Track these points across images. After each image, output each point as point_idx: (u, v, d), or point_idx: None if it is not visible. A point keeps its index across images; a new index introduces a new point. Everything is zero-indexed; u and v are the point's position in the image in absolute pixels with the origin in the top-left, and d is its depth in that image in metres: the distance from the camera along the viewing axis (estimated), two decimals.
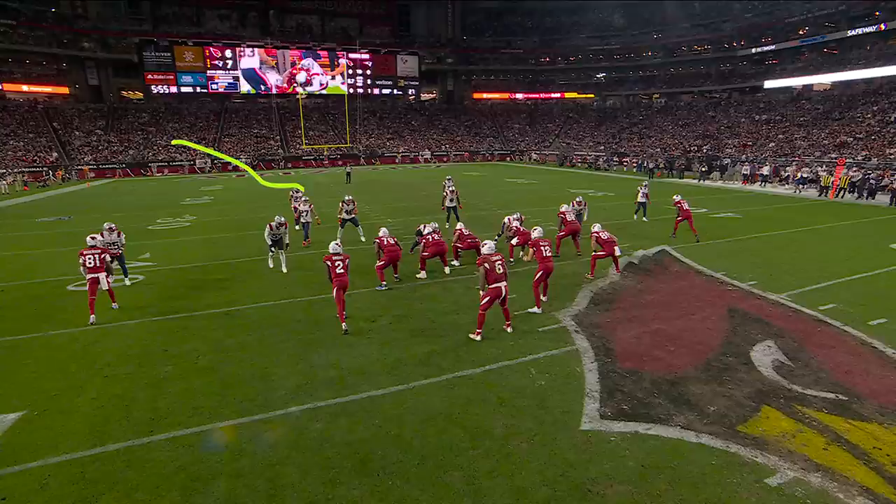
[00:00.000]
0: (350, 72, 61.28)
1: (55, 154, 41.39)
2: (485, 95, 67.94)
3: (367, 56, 62.05)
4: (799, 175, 24.83)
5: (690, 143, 44.73)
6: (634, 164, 39.88)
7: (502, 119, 64.60)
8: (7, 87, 47.48)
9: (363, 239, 13.27)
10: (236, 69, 56.16)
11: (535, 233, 8.39)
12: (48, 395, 5.62)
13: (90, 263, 7.96)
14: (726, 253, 11.85)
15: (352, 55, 60.43)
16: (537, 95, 67.16)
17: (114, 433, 4.87)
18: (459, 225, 11.16)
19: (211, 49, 55.06)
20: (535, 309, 7.92)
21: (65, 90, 50.63)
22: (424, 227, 10.62)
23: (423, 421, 5.03)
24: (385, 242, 9.54)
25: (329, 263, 7.40)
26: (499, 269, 6.87)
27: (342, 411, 5.27)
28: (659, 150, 45.48)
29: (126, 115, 51.21)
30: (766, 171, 27.77)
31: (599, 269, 10.10)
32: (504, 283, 6.86)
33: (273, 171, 45.41)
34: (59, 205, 23.82)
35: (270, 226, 10.63)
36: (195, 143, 46.36)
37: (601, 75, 65.48)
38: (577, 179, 32.08)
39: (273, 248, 10.86)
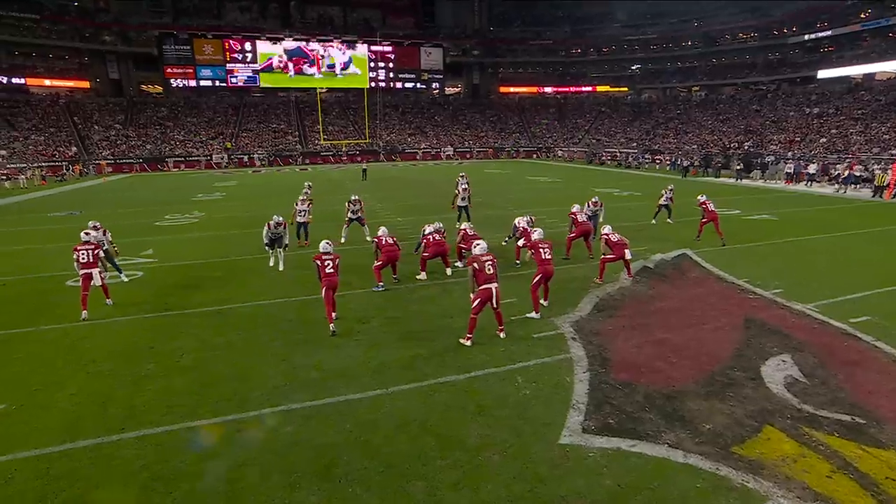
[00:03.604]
0: (372, 65, 61.98)
1: (74, 149, 43.28)
2: (512, 89, 67.71)
3: (389, 48, 62.63)
4: (847, 173, 23.81)
5: (731, 139, 43.51)
6: (668, 162, 39.02)
7: (530, 114, 64.21)
8: (30, 81, 49.87)
9: (368, 238, 13.39)
10: (255, 62, 57.50)
11: (535, 234, 8.33)
12: (30, 389, 5.90)
13: (83, 259, 8.32)
14: (754, 258, 11.51)
15: (374, 47, 61.09)
16: (567, 89, 66.53)
17: (86, 430, 5.08)
18: (465, 224, 11.16)
19: (230, 42, 56.54)
20: (534, 314, 7.87)
21: (86, 84, 52.89)
22: (427, 226, 10.68)
23: (397, 427, 5.07)
24: (384, 242, 9.62)
25: (318, 263, 7.51)
26: (489, 270, 6.86)
27: (316, 414, 5.36)
28: (696, 146, 44.40)
29: (145, 109, 53.11)
30: (812, 169, 26.76)
31: (610, 274, 9.94)
32: (495, 285, 6.84)
33: (290, 167, 46.29)
34: (72, 200, 24.91)
35: (269, 225, 10.91)
36: (212, 138, 47.71)
37: (636, 67, 64.37)
38: (603, 178, 31.63)
39: (270, 247, 11.14)
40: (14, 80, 48.91)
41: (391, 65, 63.44)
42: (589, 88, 65.78)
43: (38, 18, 48.59)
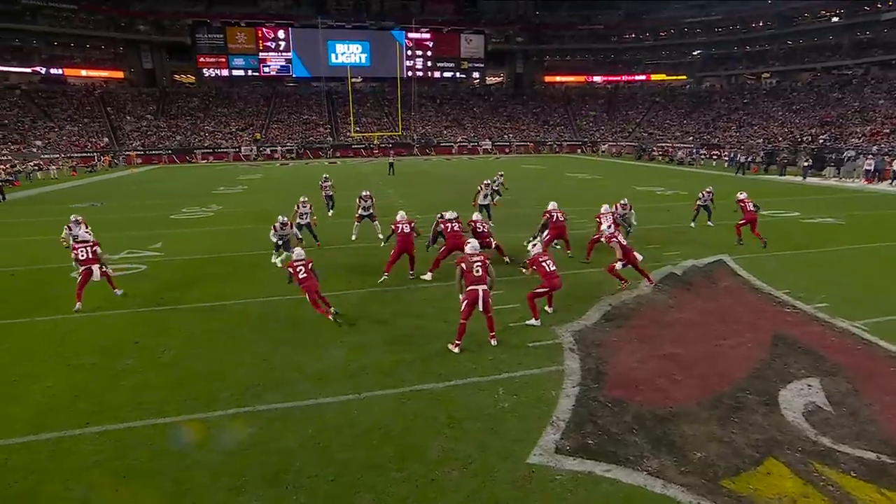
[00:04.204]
0: (409, 53, 62.59)
1: (106, 139, 45.85)
2: (557, 78, 66.83)
3: (427, 35, 63.07)
4: None
5: (803, 132, 41.35)
6: (726, 158, 37.51)
7: (576, 105, 63.20)
8: (68, 72, 53.23)
9: (381, 236, 13.51)
10: (288, 51, 59.18)
11: (534, 249, 8.04)
12: (8, 380, 6.33)
13: (82, 256, 8.90)
14: (804, 266, 10.96)
15: (411, 34, 61.65)
16: (618, 78, 65.04)
17: (52, 423, 5.40)
18: (476, 215, 11.10)
19: (264, 30, 58.46)
20: (533, 321, 7.76)
21: (120, 74, 55.98)
22: (446, 213, 10.64)
23: (359, 435, 5.13)
24: (400, 230, 9.92)
25: (291, 270, 7.97)
26: (477, 272, 6.86)
27: (281, 417, 5.50)
28: (762, 140, 42.46)
29: (177, 99, 55.63)
30: None
31: (636, 274, 9.67)
32: (483, 287, 6.83)
33: (319, 161, 47.36)
34: (97, 191, 26.43)
35: (274, 227, 11.05)
36: (241, 129, 49.47)
37: (697, 53, 62.05)
38: (648, 175, 30.79)
39: (279, 249, 11.30)
40: (52, 71, 52.37)
41: (429, 53, 63.89)
42: (643, 77, 64.06)
43: (76, 9, 51.80)
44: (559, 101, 64.11)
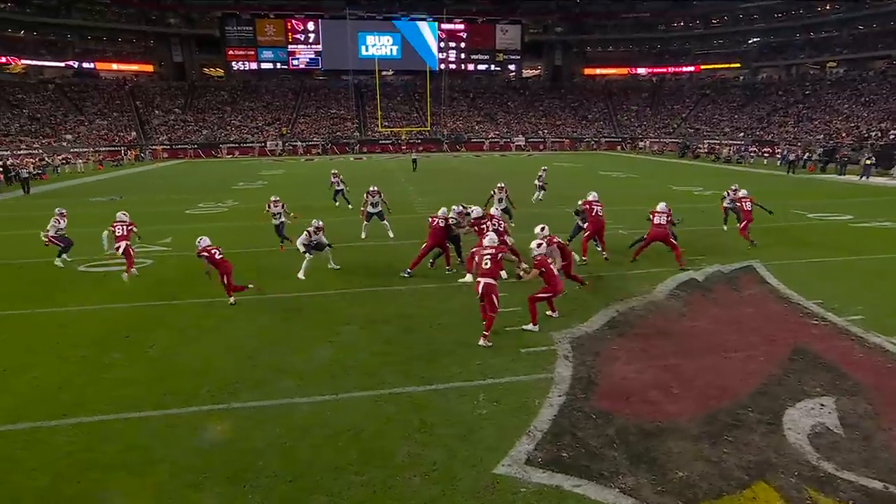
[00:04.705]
0: (441, 45, 62.87)
1: (134, 133, 47.81)
2: (598, 71, 65.90)
3: (461, 26, 63.19)
4: None
5: (871, 127, 39.48)
6: (780, 156, 36.22)
7: (618, 99, 62.20)
8: (100, 66, 55.80)
9: (391, 235, 13.66)
10: (318, 43, 60.33)
11: (539, 249, 7.77)
12: None
13: (119, 232, 10.73)
14: (843, 274, 10.58)
15: (444, 25, 61.90)
16: (664, 69, 63.66)
17: (31, 413, 5.73)
18: (494, 210, 11.17)
19: (293, 22, 59.79)
20: (531, 326, 7.72)
21: (150, 68, 58.30)
22: (468, 208, 10.67)
23: (327, 436, 5.24)
24: (435, 224, 10.30)
25: (206, 254, 8.84)
26: (486, 264, 7.21)
27: (253, 415, 5.67)
28: (822, 136, 40.77)
29: (205, 93, 57.53)
30: None
31: (655, 278, 9.52)
32: (486, 280, 7.09)
33: (345, 156, 48.11)
34: (120, 185, 27.63)
35: (308, 232, 10.50)
36: (268, 124, 50.74)
37: (753, 41, 59.96)
38: (688, 174, 30.09)
39: (311, 253, 10.63)
40: (85, 65, 55.01)
41: (462, 45, 63.99)
42: (691, 68, 62.46)
43: (109, 2, 54.24)
44: (599, 95, 63.20)
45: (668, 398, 5.98)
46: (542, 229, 8.56)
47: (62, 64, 54.01)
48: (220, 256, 8.97)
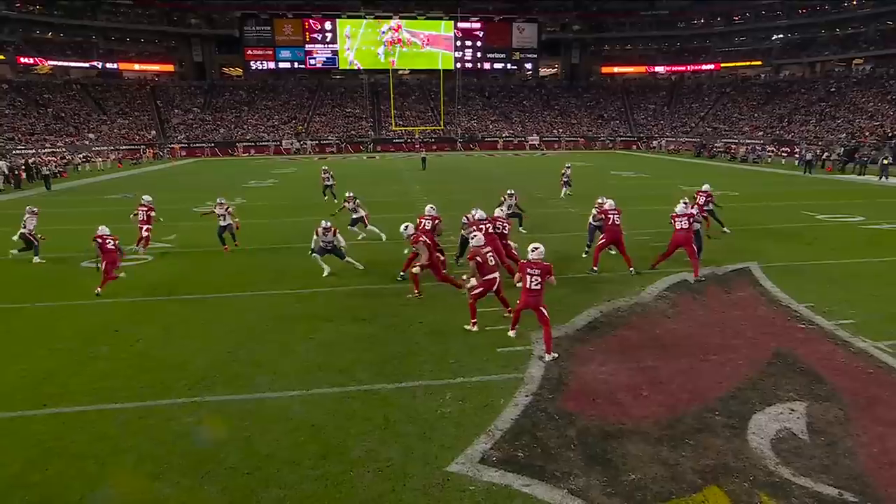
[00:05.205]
0: (458, 43, 62.87)
1: (153, 132, 48.78)
2: (615, 69, 65.24)
3: (478, 25, 63.12)
4: None
5: None
6: (798, 155, 35.49)
7: (635, 98, 61.53)
8: (123, 66, 57.03)
9: (383, 236, 13.59)
10: (335, 42, 60.79)
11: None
12: None
13: (142, 216, 12.27)
14: (843, 277, 10.40)
15: (460, 24, 61.90)
16: (683, 68, 62.74)
17: (13, 403, 5.94)
18: (499, 212, 10.84)
19: (310, 21, 60.34)
20: (511, 332, 7.70)
21: (171, 68, 59.35)
22: (475, 210, 10.45)
23: (290, 431, 5.34)
24: (422, 226, 9.80)
25: (99, 241, 9.62)
26: (491, 261, 7.72)
27: (224, 408, 5.80)
28: (844, 135, 39.79)
29: (224, 92, 58.42)
30: None
31: (646, 280, 9.47)
32: (497, 274, 7.75)
33: (358, 156, 48.46)
34: (134, 183, 28.24)
35: (317, 232, 10.14)
36: (284, 123, 51.34)
37: (776, 37, 58.66)
38: (700, 173, 29.58)
39: (320, 255, 10.37)
40: (108, 66, 56.27)
41: (479, 43, 63.90)
42: (711, 66, 61.41)
43: (132, 3, 55.40)
44: (616, 94, 62.61)
45: (636, 400, 5.95)
46: (406, 228, 9.10)
47: (87, 64, 55.34)
48: (112, 247, 9.73)
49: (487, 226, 9.95)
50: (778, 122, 48.07)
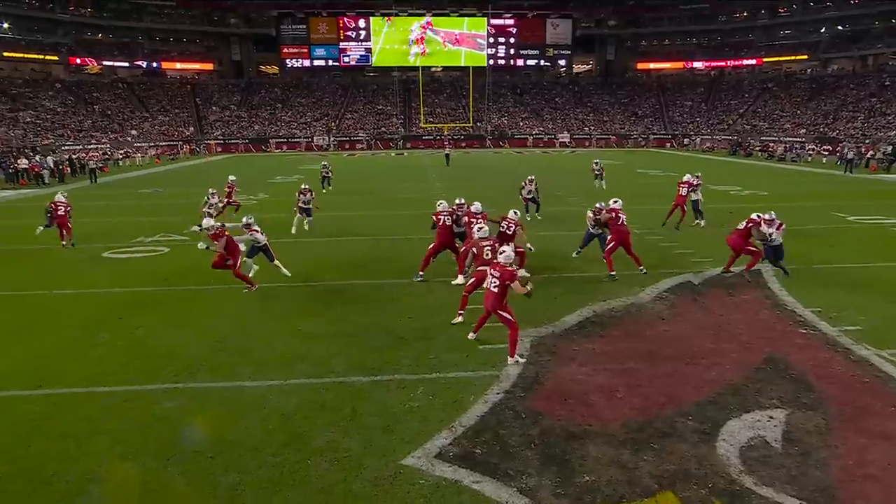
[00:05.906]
0: (491, 40, 62.55)
1: (191, 129, 50.36)
2: (652, 66, 63.70)
3: (511, 21, 62.63)
4: None
5: None
6: (839, 154, 33.96)
7: (671, 94, 59.96)
8: (165, 65, 59.02)
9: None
10: (368, 40, 61.36)
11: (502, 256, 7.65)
12: None
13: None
14: (860, 281, 10.01)
15: (493, 20, 61.53)
16: (723, 63, 60.73)
17: (11, 382, 6.30)
18: (511, 213, 10.55)
19: (344, 19, 61.03)
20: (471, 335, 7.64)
21: (210, 66, 61.06)
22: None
23: (261, 419, 5.49)
24: (441, 223, 9.92)
25: (52, 206, 11.87)
26: (487, 255, 7.84)
27: (202, 395, 6.01)
28: (894, 133, 37.83)
29: (260, 90, 59.77)
30: None
31: (648, 280, 9.31)
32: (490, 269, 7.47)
33: (387, 152, 48.87)
34: (168, 178, 29.30)
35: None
36: (316, 119, 52.18)
37: (824, 30, 55.97)
38: (731, 172, 28.72)
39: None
40: (153, 65, 58.36)
41: (512, 40, 63.40)
42: (752, 61, 59.15)
43: (175, 4, 57.28)
44: (651, 90, 61.14)
45: (608, 402, 5.87)
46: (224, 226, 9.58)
47: (132, 64, 57.51)
48: (63, 213, 12.26)
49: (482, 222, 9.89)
50: (823, 119, 46.03)
